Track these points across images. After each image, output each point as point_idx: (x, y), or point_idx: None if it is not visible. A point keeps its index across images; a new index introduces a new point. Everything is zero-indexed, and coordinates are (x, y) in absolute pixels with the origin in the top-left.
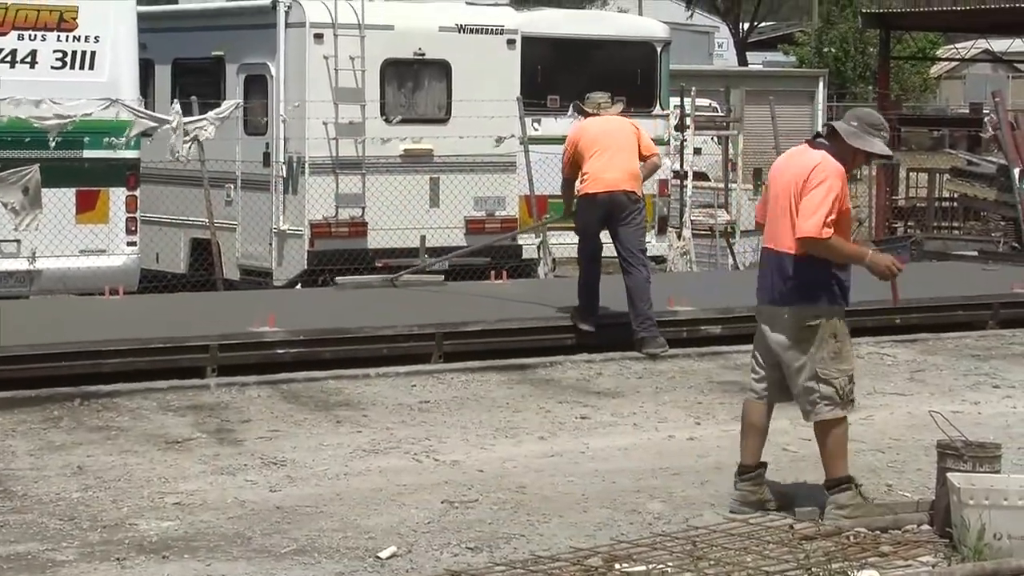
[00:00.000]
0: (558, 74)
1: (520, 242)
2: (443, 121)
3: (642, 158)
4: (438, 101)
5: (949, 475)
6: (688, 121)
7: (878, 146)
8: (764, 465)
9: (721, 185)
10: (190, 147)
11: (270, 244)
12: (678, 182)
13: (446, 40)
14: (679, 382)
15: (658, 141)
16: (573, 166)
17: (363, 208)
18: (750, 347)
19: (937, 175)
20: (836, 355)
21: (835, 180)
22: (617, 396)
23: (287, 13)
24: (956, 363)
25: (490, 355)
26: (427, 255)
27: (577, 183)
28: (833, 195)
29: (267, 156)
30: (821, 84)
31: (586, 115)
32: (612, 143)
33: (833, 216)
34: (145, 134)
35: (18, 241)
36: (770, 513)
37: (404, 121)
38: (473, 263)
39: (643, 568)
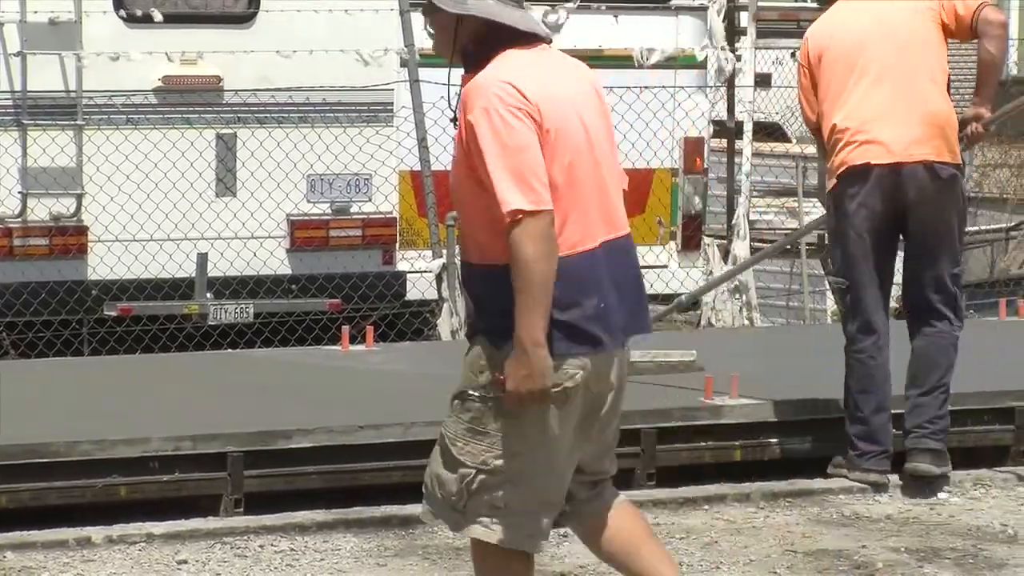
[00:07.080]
0: None
1: (402, 267)
2: (244, 20)
3: (959, 32)
4: None
5: None
6: (745, 19)
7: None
8: None
9: (813, 150)
10: None
11: None
12: (723, 145)
13: None
14: (727, 553)
15: (683, 60)
16: (815, 111)
17: (79, 198)
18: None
19: None
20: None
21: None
22: None
23: None
24: None
25: (341, 498)
26: (210, 292)
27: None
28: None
29: None
30: None
31: None
32: (892, 49)
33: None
34: None
35: None
36: None
37: (168, 20)
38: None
39: None
